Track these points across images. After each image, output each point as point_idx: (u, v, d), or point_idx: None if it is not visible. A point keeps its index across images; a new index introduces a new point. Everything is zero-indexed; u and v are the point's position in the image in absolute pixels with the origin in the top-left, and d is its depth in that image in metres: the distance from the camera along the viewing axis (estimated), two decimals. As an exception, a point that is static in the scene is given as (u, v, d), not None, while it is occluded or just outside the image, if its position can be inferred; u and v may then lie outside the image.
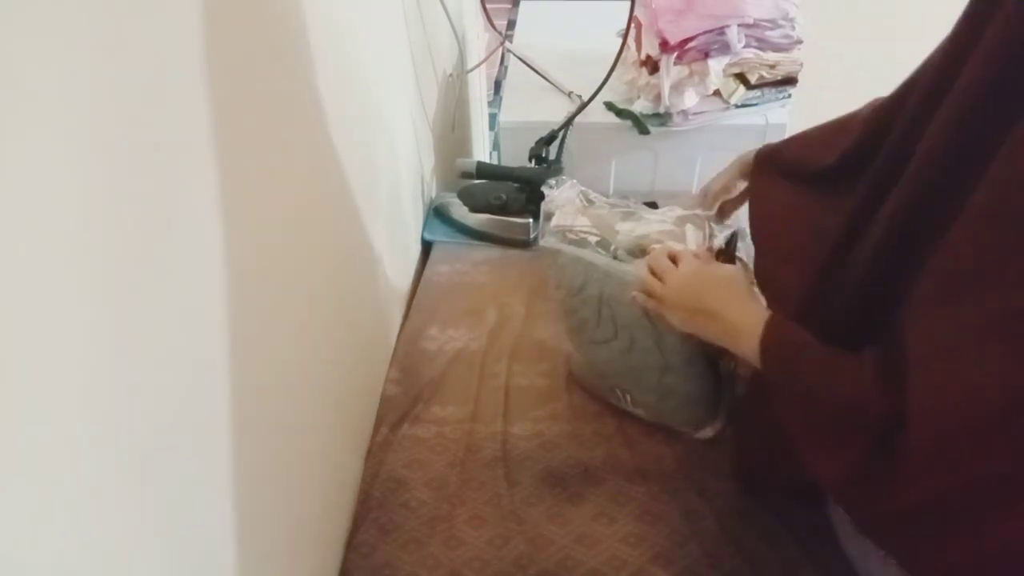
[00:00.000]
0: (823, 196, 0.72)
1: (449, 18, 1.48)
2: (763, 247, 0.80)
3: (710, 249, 0.84)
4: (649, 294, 0.78)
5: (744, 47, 1.26)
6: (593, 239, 0.88)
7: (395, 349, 1.10)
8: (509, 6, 1.85)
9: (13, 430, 0.33)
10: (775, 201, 0.82)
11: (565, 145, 1.32)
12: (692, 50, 1.24)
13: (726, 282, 0.73)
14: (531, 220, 1.30)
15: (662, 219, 0.89)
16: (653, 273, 0.78)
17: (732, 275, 0.74)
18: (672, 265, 0.77)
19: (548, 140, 1.30)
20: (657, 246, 0.82)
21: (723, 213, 0.93)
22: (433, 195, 1.45)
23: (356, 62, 0.92)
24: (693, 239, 0.85)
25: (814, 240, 0.67)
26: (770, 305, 0.72)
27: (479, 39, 1.92)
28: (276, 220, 0.65)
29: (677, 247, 0.82)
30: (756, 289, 0.76)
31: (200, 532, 0.51)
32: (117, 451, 0.41)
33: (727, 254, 0.86)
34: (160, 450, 0.46)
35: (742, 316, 0.67)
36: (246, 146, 0.58)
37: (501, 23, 1.72)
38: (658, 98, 1.31)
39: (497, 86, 1.84)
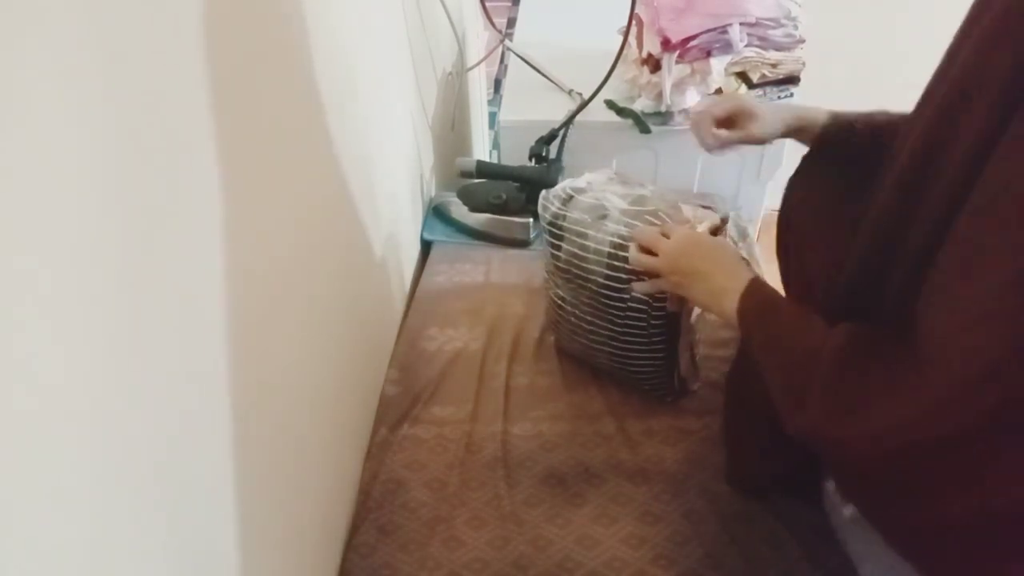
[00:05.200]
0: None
1: (449, 16, 1.48)
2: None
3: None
4: (644, 268, 0.81)
5: (746, 46, 1.25)
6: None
7: (394, 349, 1.09)
8: (509, 4, 1.84)
9: (20, 440, 0.33)
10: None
11: (566, 144, 1.32)
12: (694, 49, 1.23)
13: (717, 246, 0.76)
14: (531, 220, 1.29)
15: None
16: (644, 249, 0.81)
17: (722, 241, 0.78)
18: (661, 235, 0.80)
19: (548, 139, 1.30)
20: (640, 226, 0.85)
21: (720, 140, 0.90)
22: (432, 194, 1.44)
23: (356, 61, 0.91)
24: (690, 212, 0.88)
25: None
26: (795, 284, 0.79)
27: (479, 37, 1.91)
28: (275, 221, 0.65)
29: (665, 220, 0.85)
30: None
31: (202, 533, 0.51)
32: (123, 453, 0.41)
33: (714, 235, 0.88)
34: (160, 452, 0.45)
35: (730, 279, 0.70)
36: (247, 147, 0.58)
37: (501, 21, 1.71)
38: (659, 97, 1.30)
39: (497, 84, 1.83)
